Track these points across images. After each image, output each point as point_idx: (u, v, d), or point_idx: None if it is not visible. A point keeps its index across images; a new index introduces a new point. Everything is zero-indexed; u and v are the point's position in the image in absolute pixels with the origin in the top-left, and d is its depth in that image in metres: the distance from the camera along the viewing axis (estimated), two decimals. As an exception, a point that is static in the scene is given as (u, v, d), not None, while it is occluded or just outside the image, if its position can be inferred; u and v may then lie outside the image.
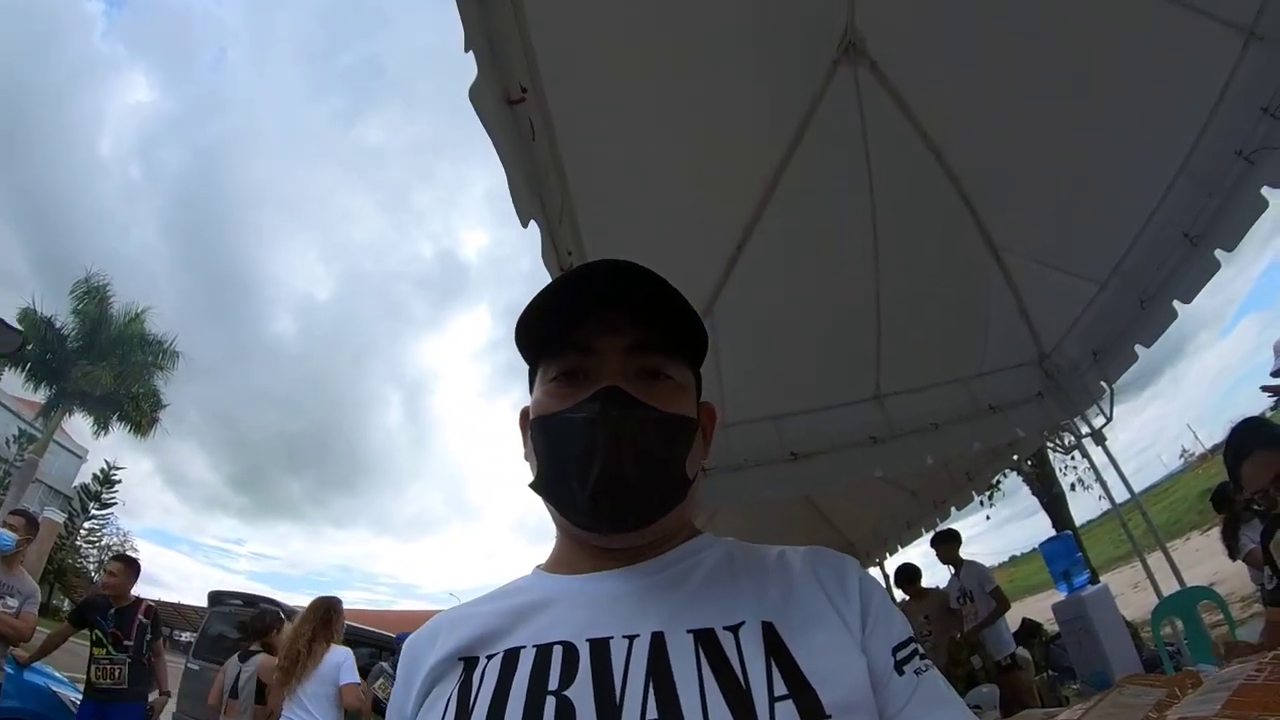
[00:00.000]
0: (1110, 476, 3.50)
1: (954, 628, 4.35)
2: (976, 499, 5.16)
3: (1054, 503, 8.36)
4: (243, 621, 6.53)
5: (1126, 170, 2.67)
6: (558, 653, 0.57)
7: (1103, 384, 3.31)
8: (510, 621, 0.62)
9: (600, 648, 0.57)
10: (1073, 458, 5.62)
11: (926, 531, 5.91)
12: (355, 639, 8.02)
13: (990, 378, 3.46)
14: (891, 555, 6.74)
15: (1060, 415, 3.43)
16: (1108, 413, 3.30)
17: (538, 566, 0.72)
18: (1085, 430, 3.40)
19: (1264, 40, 2.09)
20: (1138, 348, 3.10)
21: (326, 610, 3.60)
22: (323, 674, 3.37)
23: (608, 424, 0.58)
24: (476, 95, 1.34)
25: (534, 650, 0.58)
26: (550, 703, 0.53)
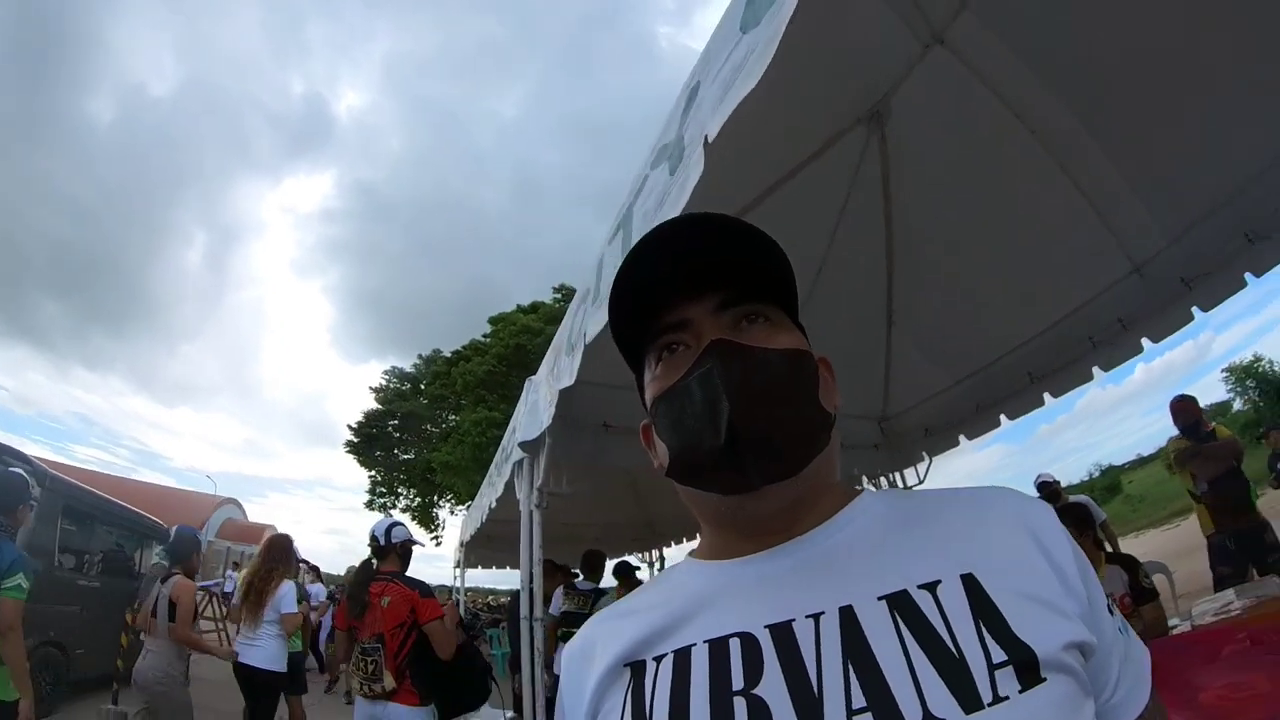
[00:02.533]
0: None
1: None
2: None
3: None
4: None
5: (1011, 308, 3.28)
6: (735, 646, 0.53)
7: (924, 454, 4.06)
8: (674, 617, 0.58)
9: (784, 633, 0.51)
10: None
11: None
12: (110, 517, 6.86)
13: (847, 419, 4.08)
14: (677, 544, 7.57)
15: (888, 467, 4.18)
16: (921, 477, 4.07)
17: (691, 554, 0.68)
18: (901, 486, 4.16)
19: (1144, 277, 2.76)
20: (961, 437, 3.85)
21: (286, 549, 4.34)
22: (274, 603, 4.05)
23: (725, 371, 0.55)
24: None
25: (706, 647, 0.54)
26: (740, 706, 0.49)
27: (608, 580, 5.71)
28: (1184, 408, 4.06)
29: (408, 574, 3.32)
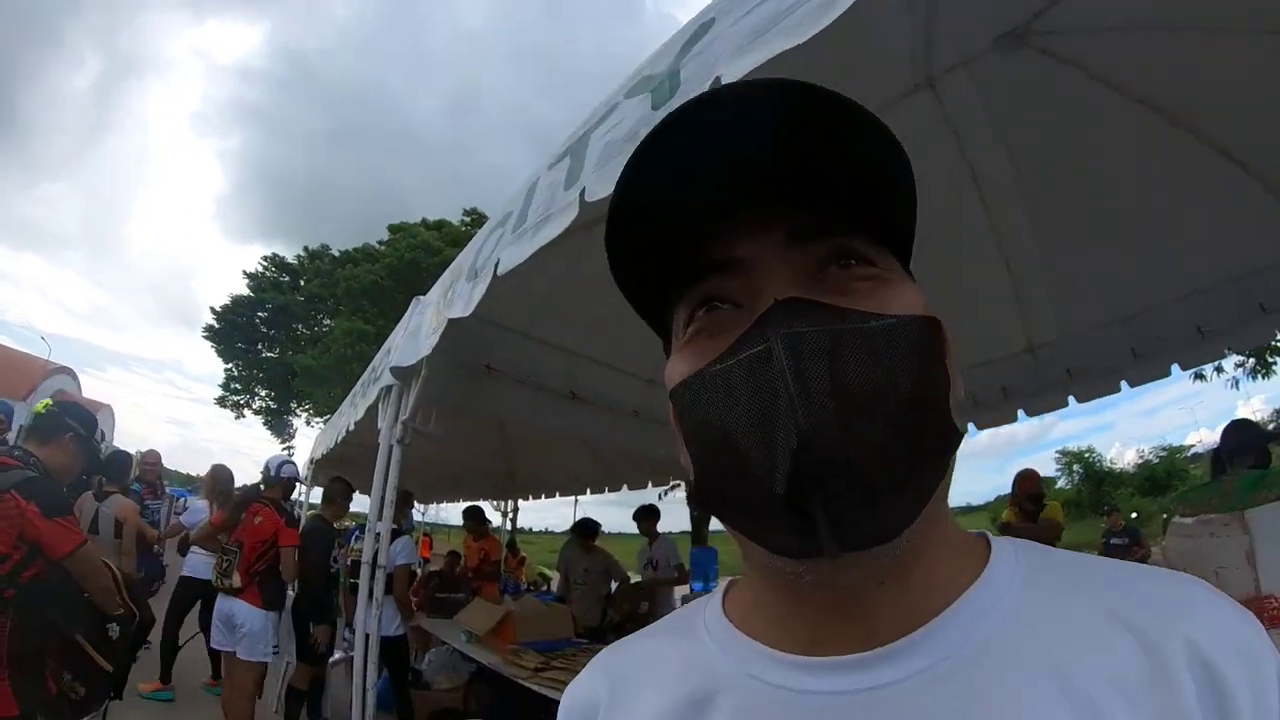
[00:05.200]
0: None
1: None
2: (652, 488, 6.01)
3: (702, 519, 9.94)
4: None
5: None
6: None
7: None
8: (688, 712, 0.41)
9: None
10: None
11: (592, 492, 6.67)
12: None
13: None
14: (535, 498, 7.44)
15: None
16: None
17: (725, 604, 0.47)
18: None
19: (1036, 358, 3.04)
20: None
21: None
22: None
23: (796, 357, 0.33)
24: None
25: None
26: None
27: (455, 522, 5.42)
28: (1029, 480, 4.52)
29: (285, 504, 4.06)
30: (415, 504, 5.44)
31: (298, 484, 4.43)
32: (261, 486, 4.11)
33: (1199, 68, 1.98)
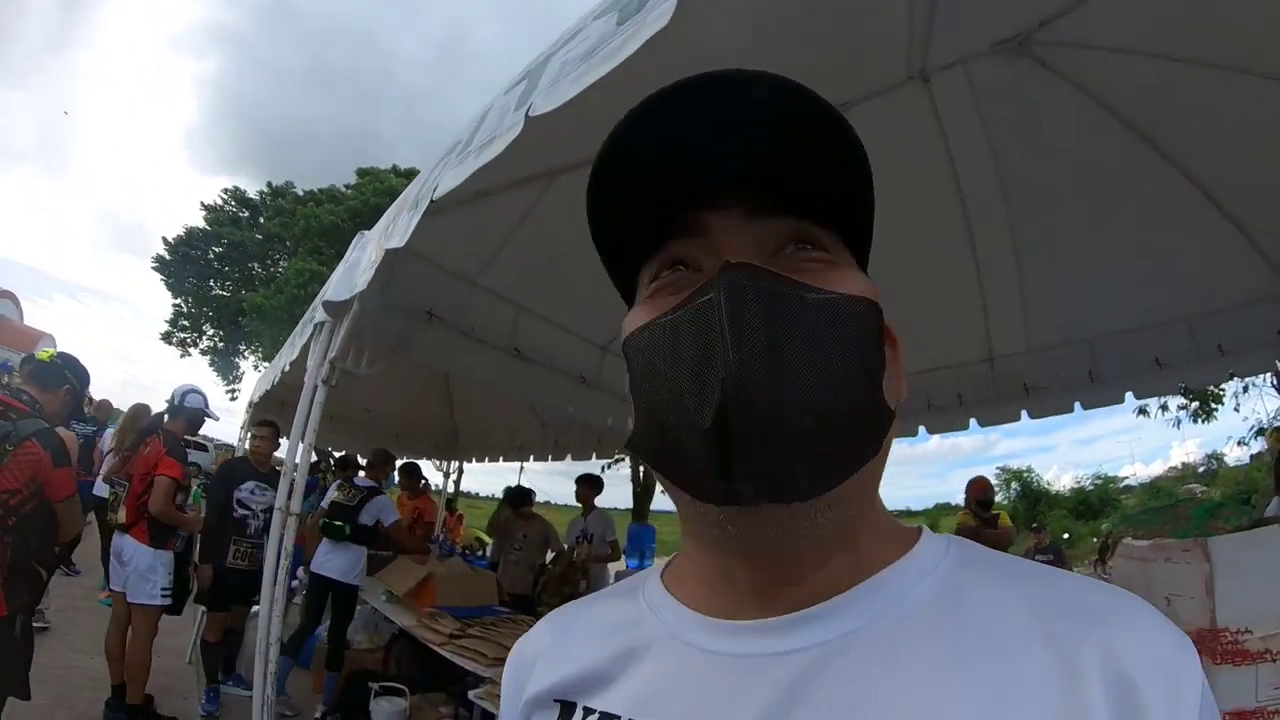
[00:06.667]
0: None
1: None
2: (596, 460, 5.90)
3: (644, 495, 9.95)
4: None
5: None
6: None
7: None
8: (616, 665, 0.45)
9: None
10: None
11: (536, 459, 6.47)
12: None
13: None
14: (478, 460, 7.27)
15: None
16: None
17: (664, 573, 0.50)
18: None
19: (994, 369, 3.03)
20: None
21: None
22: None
23: (736, 308, 0.35)
24: None
25: None
26: None
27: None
28: (978, 487, 4.68)
29: (183, 437, 3.80)
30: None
31: (207, 418, 4.02)
32: (165, 416, 3.86)
33: (1193, 102, 1.96)
